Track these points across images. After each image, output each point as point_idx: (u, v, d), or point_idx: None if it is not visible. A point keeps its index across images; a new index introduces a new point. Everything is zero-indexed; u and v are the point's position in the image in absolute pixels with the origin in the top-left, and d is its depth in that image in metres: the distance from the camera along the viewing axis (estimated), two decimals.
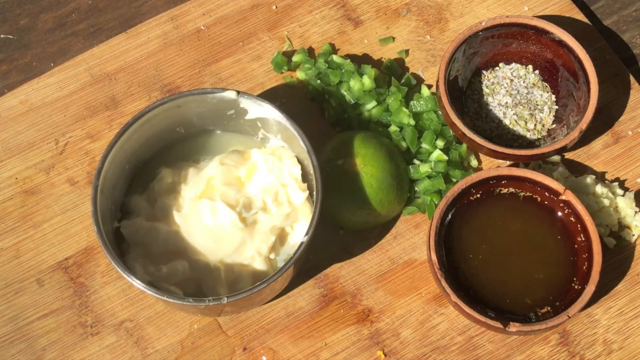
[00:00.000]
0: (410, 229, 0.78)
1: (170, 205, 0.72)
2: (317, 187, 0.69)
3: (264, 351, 0.74)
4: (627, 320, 0.75)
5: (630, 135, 0.81)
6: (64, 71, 0.84)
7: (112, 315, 0.75)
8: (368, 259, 0.77)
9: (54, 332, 0.74)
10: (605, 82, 0.82)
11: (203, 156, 0.77)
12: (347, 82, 0.81)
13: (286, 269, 0.66)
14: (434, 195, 0.78)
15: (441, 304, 0.75)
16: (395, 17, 0.86)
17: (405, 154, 0.79)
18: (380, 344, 0.74)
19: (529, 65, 0.82)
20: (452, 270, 0.73)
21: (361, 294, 0.76)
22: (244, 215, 0.71)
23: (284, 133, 0.74)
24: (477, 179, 0.74)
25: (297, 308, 0.75)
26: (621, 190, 0.78)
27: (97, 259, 0.77)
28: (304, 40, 0.85)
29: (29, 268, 0.77)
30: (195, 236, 0.71)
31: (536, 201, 0.75)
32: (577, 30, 0.85)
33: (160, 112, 0.72)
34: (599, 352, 0.73)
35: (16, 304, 0.75)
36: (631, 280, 0.76)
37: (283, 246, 0.73)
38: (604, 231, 0.77)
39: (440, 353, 0.74)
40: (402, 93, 0.81)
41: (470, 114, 0.81)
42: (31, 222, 0.78)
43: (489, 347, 0.74)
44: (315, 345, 0.74)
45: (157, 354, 0.74)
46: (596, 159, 0.80)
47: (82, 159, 0.80)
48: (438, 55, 0.84)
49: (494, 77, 0.82)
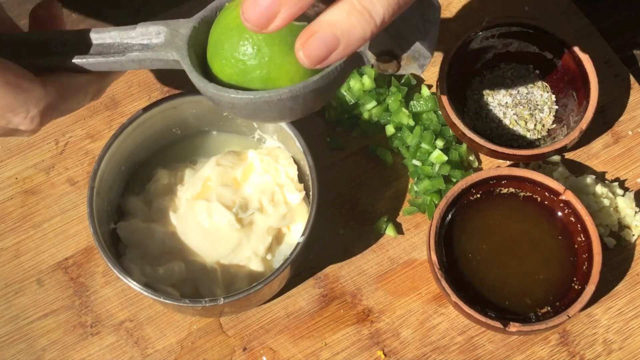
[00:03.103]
0: (410, 229, 0.78)
1: (166, 207, 0.72)
2: (314, 188, 0.69)
3: (264, 351, 0.74)
4: (627, 320, 0.75)
5: (630, 135, 0.81)
6: None
7: (112, 315, 0.75)
8: (368, 259, 0.77)
9: (54, 332, 0.74)
10: (605, 82, 0.82)
11: (199, 157, 0.77)
12: (347, 82, 0.81)
13: (282, 270, 0.66)
14: (434, 195, 0.78)
15: (441, 304, 0.75)
16: None
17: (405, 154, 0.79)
18: (380, 344, 0.74)
19: (529, 65, 0.82)
20: (452, 270, 0.73)
21: (361, 294, 0.76)
22: (241, 216, 0.71)
23: (280, 134, 0.74)
24: (477, 179, 0.74)
25: (297, 308, 0.75)
26: (621, 190, 0.78)
27: (97, 259, 0.77)
28: None
29: (29, 268, 0.77)
30: (191, 237, 0.71)
31: (536, 201, 0.75)
32: (577, 30, 0.85)
33: (156, 113, 0.72)
34: (599, 352, 0.73)
35: (16, 304, 0.75)
36: (631, 280, 0.76)
37: (280, 247, 0.73)
38: (604, 231, 0.77)
39: (440, 353, 0.74)
40: (402, 93, 0.81)
41: (470, 114, 0.81)
42: (31, 222, 0.78)
43: (489, 347, 0.74)
44: (315, 345, 0.74)
45: (157, 354, 0.74)
46: (596, 159, 0.80)
47: (82, 159, 0.81)
48: (438, 55, 0.84)
49: (494, 77, 0.82)
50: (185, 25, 0.55)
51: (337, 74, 0.50)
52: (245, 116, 0.52)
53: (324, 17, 0.44)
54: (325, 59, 0.44)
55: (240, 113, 0.51)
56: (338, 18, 0.43)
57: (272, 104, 0.50)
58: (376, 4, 0.43)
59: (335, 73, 0.50)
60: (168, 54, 0.54)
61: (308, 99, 0.50)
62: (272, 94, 0.49)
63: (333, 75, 0.50)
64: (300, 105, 0.50)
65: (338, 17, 0.43)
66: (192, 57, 0.53)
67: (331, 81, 0.50)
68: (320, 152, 0.80)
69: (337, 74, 0.50)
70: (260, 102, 0.49)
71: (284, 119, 0.53)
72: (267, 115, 0.51)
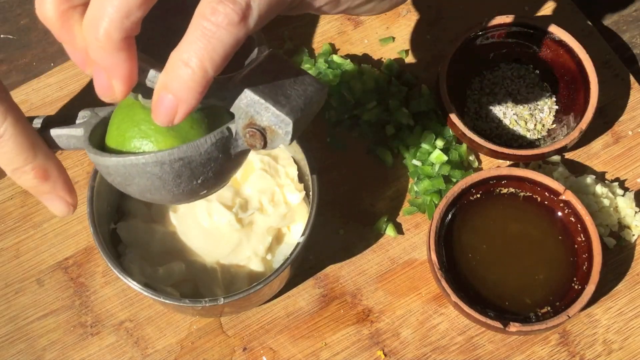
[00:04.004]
0: (410, 229, 0.78)
1: (166, 207, 0.72)
2: (314, 188, 0.69)
3: (264, 351, 0.74)
4: (627, 320, 0.75)
5: (630, 135, 0.81)
6: (64, 71, 0.84)
7: (112, 315, 0.75)
8: (368, 259, 0.77)
9: (54, 332, 0.74)
10: (605, 82, 0.82)
11: None
12: (347, 82, 0.81)
13: (282, 270, 0.66)
14: (434, 195, 0.78)
15: (441, 304, 0.75)
16: (395, 17, 0.86)
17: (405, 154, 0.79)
18: (380, 344, 0.74)
19: (529, 65, 0.82)
20: (452, 270, 0.73)
21: (361, 294, 0.76)
22: (241, 216, 0.71)
23: None
24: (477, 179, 0.74)
25: (297, 308, 0.75)
26: (621, 190, 0.78)
27: (97, 259, 0.77)
28: (304, 40, 0.85)
29: (29, 268, 0.77)
30: (191, 237, 0.71)
31: (536, 201, 0.75)
32: (577, 30, 0.85)
33: None
34: (599, 352, 0.73)
35: (16, 304, 0.75)
36: (631, 280, 0.76)
37: (280, 247, 0.73)
38: (604, 231, 0.77)
39: (440, 353, 0.74)
40: (402, 93, 0.81)
41: (470, 114, 0.81)
42: (31, 222, 0.78)
43: (489, 347, 0.74)
44: (315, 345, 0.74)
45: (157, 354, 0.74)
46: (596, 159, 0.80)
47: (82, 159, 0.80)
48: (438, 55, 0.84)
49: (494, 77, 0.82)
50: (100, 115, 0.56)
51: (208, 147, 0.49)
52: (120, 184, 0.52)
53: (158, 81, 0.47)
54: (172, 116, 0.46)
55: (115, 180, 0.52)
56: (164, 78, 0.46)
57: (139, 169, 0.50)
58: (192, 56, 0.45)
59: (205, 146, 0.49)
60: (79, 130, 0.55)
61: (176, 168, 0.50)
62: (139, 157, 0.49)
63: (202, 147, 0.49)
64: (169, 175, 0.50)
65: (164, 77, 0.46)
66: (95, 134, 0.55)
67: (201, 154, 0.50)
68: (320, 152, 0.80)
69: (206, 147, 0.49)
70: (128, 164, 0.49)
71: (159, 193, 0.52)
72: (139, 183, 0.51)
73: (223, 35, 0.45)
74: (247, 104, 0.49)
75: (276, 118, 0.49)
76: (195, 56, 0.44)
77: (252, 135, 0.50)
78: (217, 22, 0.44)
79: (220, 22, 0.44)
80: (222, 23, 0.44)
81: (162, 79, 0.46)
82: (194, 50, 0.44)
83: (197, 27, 0.45)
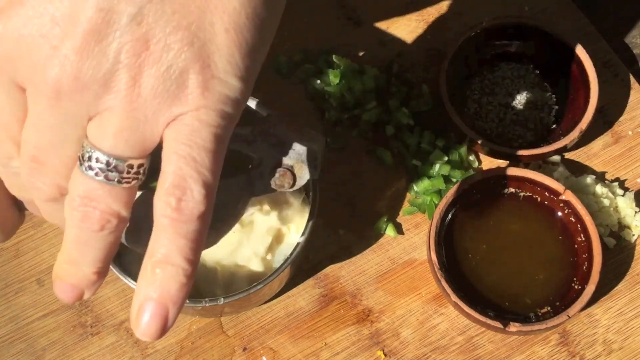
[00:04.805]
0: (410, 229, 0.78)
1: None
2: (314, 188, 0.69)
3: (264, 351, 0.74)
4: (627, 320, 0.75)
5: (630, 135, 0.81)
6: None
7: (112, 316, 0.75)
8: (368, 259, 0.77)
9: (54, 332, 0.74)
10: (605, 82, 0.82)
11: None
12: (347, 82, 0.81)
13: (282, 270, 0.66)
14: (434, 195, 0.78)
15: (441, 304, 0.75)
16: (395, 17, 0.86)
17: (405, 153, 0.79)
18: (380, 344, 0.74)
19: (529, 65, 0.82)
20: (452, 270, 0.73)
21: (361, 294, 0.76)
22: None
23: None
24: (477, 179, 0.74)
25: (297, 308, 0.75)
26: (621, 190, 0.78)
27: None
28: (304, 40, 0.85)
29: (29, 268, 0.77)
30: None
31: (536, 201, 0.75)
32: (577, 30, 0.85)
33: None
34: (599, 352, 0.73)
35: (16, 304, 0.75)
36: (631, 280, 0.76)
37: (280, 247, 0.73)
38: (604, 231, 0.77)
39: (440, 353, 0.74)
40: (402, 93, 0.81)
41: (470, 114, 0.81)
42: (31, 222, 0.78)
43: (489, 347, 0.74)
44: (315, 345, 0.74)
45: (157, 354, 0.74)
46: (596, 159, 0.80)
47: None
48: (438, 55, 0.84)
49: (494, 77, 0.82)
50: None
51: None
52: None
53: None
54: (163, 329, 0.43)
55: None
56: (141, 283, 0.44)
57: None
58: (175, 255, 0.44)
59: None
60: None
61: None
62: None
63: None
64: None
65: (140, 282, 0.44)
66: None
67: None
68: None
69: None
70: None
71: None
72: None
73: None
74: (273, 145, 0.51)
75: (304, 152, 0.51)
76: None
77: (283, 175, 0.51)
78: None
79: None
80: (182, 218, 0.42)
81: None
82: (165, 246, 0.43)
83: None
